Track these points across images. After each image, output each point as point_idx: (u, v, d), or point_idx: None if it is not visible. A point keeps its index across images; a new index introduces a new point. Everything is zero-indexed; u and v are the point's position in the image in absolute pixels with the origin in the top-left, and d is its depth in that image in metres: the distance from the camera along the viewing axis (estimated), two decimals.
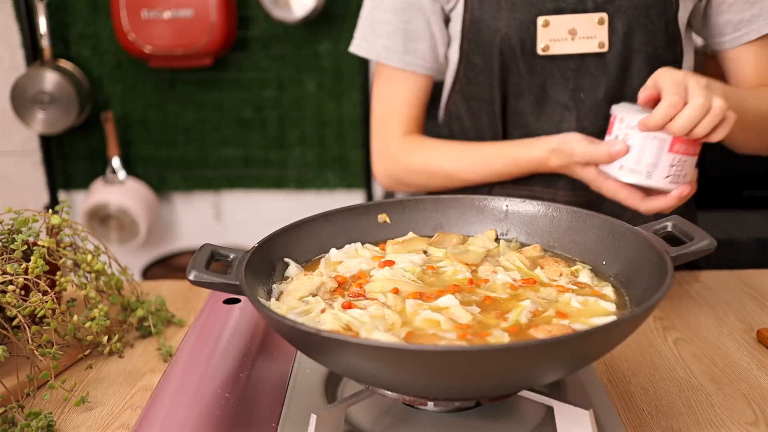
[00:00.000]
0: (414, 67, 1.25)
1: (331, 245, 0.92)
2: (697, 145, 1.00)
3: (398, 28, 1.23)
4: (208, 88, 2.58)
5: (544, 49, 1.15)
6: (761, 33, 1.18)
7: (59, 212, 1.05)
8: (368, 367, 0.65)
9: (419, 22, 1.22)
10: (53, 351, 0.90)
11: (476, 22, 1.17)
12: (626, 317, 0.65)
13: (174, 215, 2.78)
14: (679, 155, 0.99)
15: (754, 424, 0.83)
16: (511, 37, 1.16)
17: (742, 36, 1.19)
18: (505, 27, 1.16)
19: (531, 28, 1.15)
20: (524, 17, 1.15)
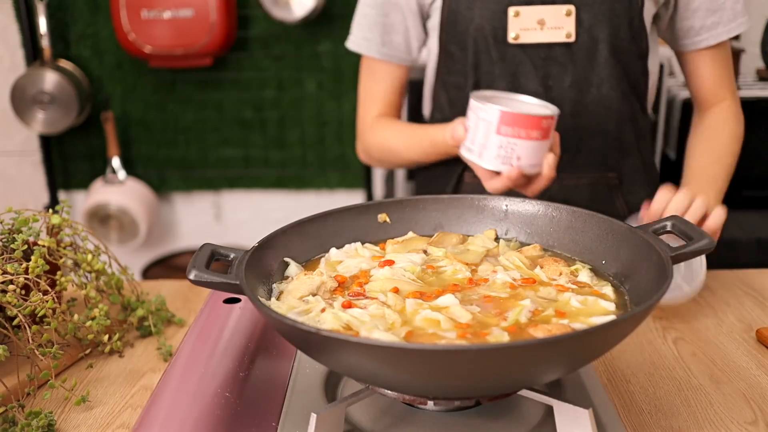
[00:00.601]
0: (390, 57, 1.35)
1: (331, 245, 0.92)
2: (538, 129, 1.02)
3: (377, 22, 1.33)
4: (208, 88, 2.58)
5: (515, 38, 1.22)
6: (719, 40, 1.25)
7: (59, 212, 1.05)
8: (368, 367, 0.65)
9: (396, 16, 1.32)
10: (54, 350, 0.90)
11: (453, 13, 1.25)
12: (625, 316, 0.65)
13: (174, 215, 2.78)
14: (506, 138, 1.02)
15: (753, 423, 0.83)
16: (483, 27, 1.22)
17: (701, 41, 1.25)
18: (479, 17, 1.22)
19: (502, 17, 1.21)
20: (496, 7, 1.21)
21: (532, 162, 1.05)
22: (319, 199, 2.70)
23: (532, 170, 1.05)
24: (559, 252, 0.90)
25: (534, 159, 1.04)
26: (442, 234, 0.94)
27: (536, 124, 1.01)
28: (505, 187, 1.06)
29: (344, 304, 0.77)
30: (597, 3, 1.20)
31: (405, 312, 0.76)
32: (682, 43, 1.28)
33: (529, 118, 1.01)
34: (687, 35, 1.26)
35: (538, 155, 1.05)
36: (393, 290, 0.80)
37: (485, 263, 0.88)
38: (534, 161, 1.05)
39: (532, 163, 1.05)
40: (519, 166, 1.04)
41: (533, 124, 1.01)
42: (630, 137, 1.30)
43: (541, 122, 1.02)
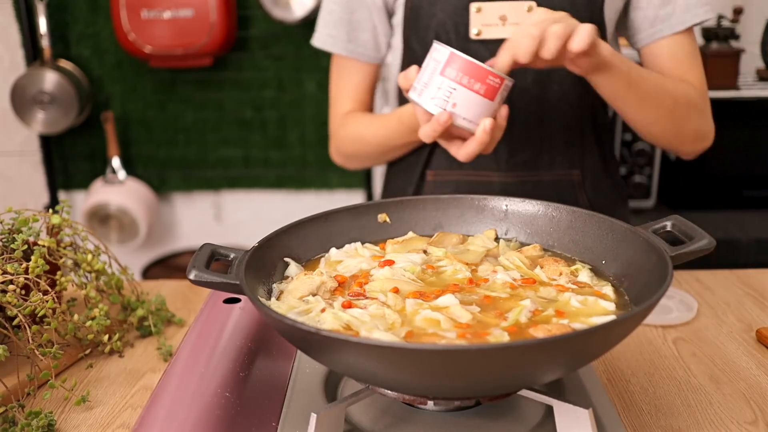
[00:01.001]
0: (357, 54, 1.34)
1: (331, 245, 0.92)
2: (482, 83, 0.98)
3: (343, 18, 1.32)
4: (208, 88, 2.58)
5: (477, 34, 1.22)
6: (674, 30, 1.21)
7: (59, 212, 1.05)
8: (368, 367, 0.65)
9: (362, 13, 1.31)
10: (54, 350, 0.90)
11: (415, 9, 1.25)
12: (625, 316, 0.65)
13: (174, 215, 2.78)
14: (448, 80, 0.99)
15: (753, 423, 0.83)
16: (445, 22, 1.22)
17: (656, 32, 1.22)
18: (441, 12, 1.22)
19: (464, 13, 1.21)
20: (458, 3, 1.21)
21: (468, 116, 1.00)
22: (319, 199, 2.70)
23: (464, 124, 1.00)
24: (559, 252, 0.90)
25: (470, 113, 1.00)
26: (442, 234, 0.94)
27: (481, 75, 0.98)
28: (434, 132, 1.02)
29: (344, 304, 0.77)
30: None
31: (405, 312, 0.76)
32: (638, 38, 1.25)
33: (475, 66, 0.98)
34: (641, 27, 1.24)
35: (476, 111, 0.99)
36: (393, 290, 0.80)
37: (485, 263, 0.88)
38: (470, 116, 1.00)
39: (466, 117, 1.00)
40: (452, 113, 1.00)
41: (478, 75, 0.98)
42: (591, 134, 1.30)
43: (488, 76, 0.98)
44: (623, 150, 2.22)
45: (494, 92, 0.99)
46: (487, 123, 1.00)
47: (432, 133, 1.02)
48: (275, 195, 2.72)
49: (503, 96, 1.01)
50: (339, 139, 1.39)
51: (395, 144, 1.30)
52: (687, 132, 1.21)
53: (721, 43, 2.17)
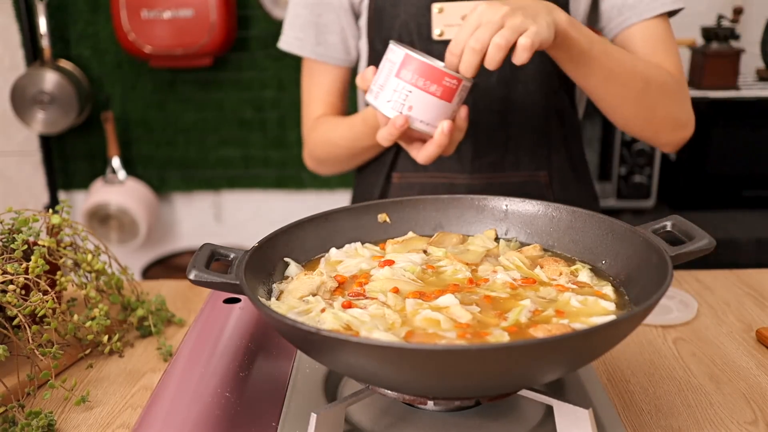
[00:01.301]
0: (326, 58, 1.33)
1: (331, 245, 0.92)
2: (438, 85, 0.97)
3: (310, 21, 1.31)
4: (208, 88, 2.58)
5: (440, 35, 1.21)
6: (642, 17, 1.18)
7: (59, 212, 1.05)
8: (368, 367, 0.65)
9: (329, 16, 1.29)
10: (53, 350, 0.90)
11: (378, 10, 1.24)
12: (625, 316, 0.65)
13: (174, 215, 2.78)
14: (403, 82, 0.97)
15: (753, 423, 0.83)
16: (408, 23, 1.21)
17: (624, 20, 1.20)
18: (404, 13, 1.21)
19: (426, 14, 1.20)
20: (420, 4, 1.20)
21: (424, 118, 0.98)
22: (319, 199, 2.70)
23: (421, 127, 0.99)
24: (559, 252, 0.90)
25: (427, 116, 0.98)
26: (442, 234, 0.94)
27: (437, 77, 0.96)
28: (391, 136, 1.01)
29: (344, 304, 0.77)
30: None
31: (405, 312, 0.76)
32: (609, 28, 1.23)
33: (430, 68, 0.96)
34: (611, 17, 1.21)
35: (433, 113, 0.98)
36: (393, 290, 0.80)
37: (485, 263, 0.88)
38: (426, 118, 0.98)
39: (423, 119, 0.98)
40: (408, 116, 0.98)
41: (434, 77, 0.96)
42: (558, 133, 1.29)
43: (444, 78, 0.96)
44: (623, 150, 2.22)
45: (451, 94, 0.97)
46: (445, 125, 0.99)
47: (389, 137, 1.01)
48: (275, 195, 2.72)
49: (462, 96, 0.99)
50: (310, 144, 1.37)
51: (363, 145, 1.28)
52: (661, 118, 1.18)
53: (721, 43, 2.17)
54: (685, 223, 0.83)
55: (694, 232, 0.81)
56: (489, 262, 0.88)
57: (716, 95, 2.15)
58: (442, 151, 1.02)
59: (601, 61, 1.07)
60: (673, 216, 0.85)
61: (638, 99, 1.14)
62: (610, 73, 1.09)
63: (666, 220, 0.85)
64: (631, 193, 2.25)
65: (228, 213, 2.77)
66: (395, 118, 0.98)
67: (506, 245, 0.92)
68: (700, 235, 0.80)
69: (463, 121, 1.03)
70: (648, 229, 0.83)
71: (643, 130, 1.21)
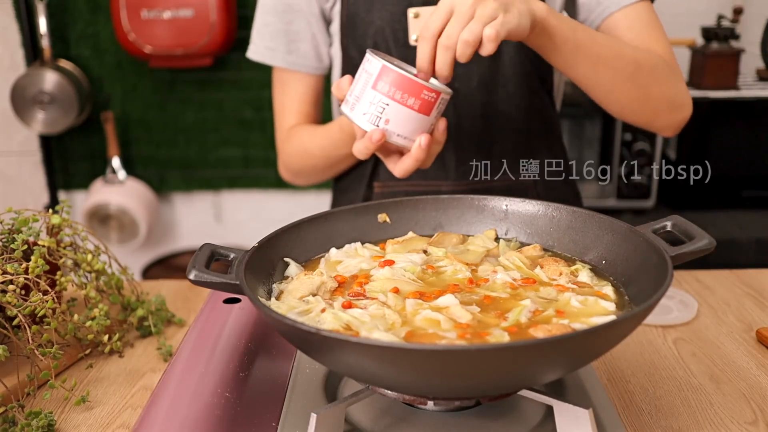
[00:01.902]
0: (298, 66, 1.29)
1: (331, 245, 0.92)
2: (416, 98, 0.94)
3: (280, 30, 1.27)
4: (208, 88, 2.58)
5: (416, 40, 1.17)
6: (621, 5, 1.16)
7: (59, 212, 1.05)
8: (368, 367, 0.65)
9: (300, 23, 1.26)
10: (53, 350, 0.90)
11: (352, 16, 1.21)
12: (626, 316, 0.65)
13: (174, 215, 2.78)
14: (380, 95, 0.94)
15: (753, 424, 0.83)
16: (384, 29, 1.19)
17: (605, 9, 1.17)
18: (378, 19, 1.19)
19: (402, 19, 1.18)
20: (395, 9, 1.18)
21: (402, 132, 0.96)
22: (319, 199, 2.70)
23: (399, 141, 0.97)
24: (559, 252, 0.90)
25: (404, 129, 0.96)
26: (442, 234, 0.94)
27: (415, 90, 0.94)
28: (367, 150, 0.98)
29: (344, 304, 0.77)
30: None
31: (405, 312, 0.76)
32: (590, 19, 1.20)
33: (408, 80, 0.93)
34: (590, 7, 1.19)
35: (410, 127, 0.96)
36: (393, 290, 0.80)
37: (485, 263, 0.88)
38: (404, 132, 0.96)
39: (400, 133, 0.96)
40: (384, 130, 0.95)
41: (411, 90, 0.93)
42: (541, 134, 1.28)
43: (422, 91, 0.94)
44: (623, 150, 2.22)
45: (430, 107, 0.95)
46: (423, 140, 0.96)
47: (365, 151, 0.98)
48: (275, 195, 2.72)
49: (440, 109, 0.97)
50: (284, 155, 1.34)
51: (340, 154, 1.25)
52: (656, 99, 1.15)
53: (721, 43, 2.17)
54: (685, 223, 0.83)
55: (694, 232, 0.81)
56: (489, 262, 0.88)
57: (716, 95, 2.15)
58: (420, 164, 0.99)
59: (587, 47, 1.05)
60: (673, 216, 0.85)
61: (630, 82, 1.11)
62: (597, 59, 1.07)
63: (666, 220, 0.85)
64: (631, 193, 2.25)
65: (228, 213, 2.77)
66: (372, 133, 0.95)
67: (506, 245, 0.92)
68: (700, 235, 0.80)
69: (441, 134, 1.00)
70: (648, 229, 0.83)
71: (639, 115, 1.18)
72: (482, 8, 0.90)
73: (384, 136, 0.95)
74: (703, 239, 0.79)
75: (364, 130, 0.97)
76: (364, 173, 1.30)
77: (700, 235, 0.80)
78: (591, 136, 2.27)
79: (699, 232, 0.81)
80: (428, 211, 0.97)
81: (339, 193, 1.39)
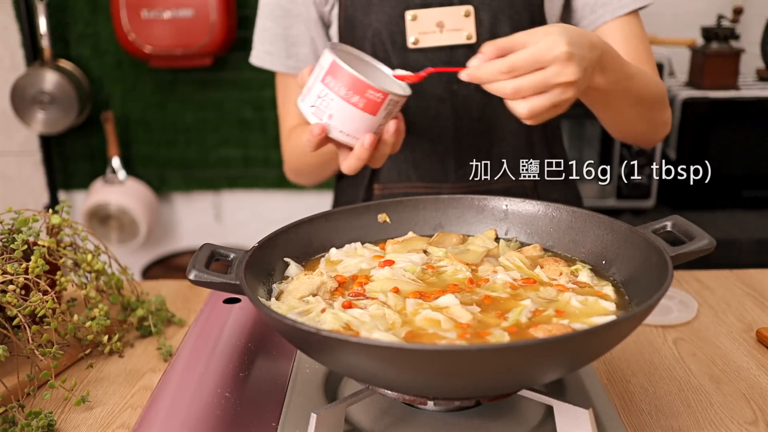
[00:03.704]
0: (297, 70, 1.28)
1: (331, 245, 0.92)
2: (360, 96, 0.93)
3: (279, 34, 1.27)
4: (208, 88, 2.58)
5: (414, 43, 1.18)
6: (615, 14, 1.17)
7: (59, 212, 1.05)
8: (368, 367, 0.65)
9: (299, 27, 1.26)
10: (53, 350, 0.90)
11: (350, 19, 1.21)
12: (626, 316, 0.65)
13: (174, 215, 2.78)
14: (327, 89, 0.94)
15: (753, 424, 0.83)
16: (381, 32, 1.19)
17: (598, 18, 1.18)
18: (376, 22, 1.18)
19: (400, 22, 1.18)
20: (393, 12, 1.18)
21: (345, 129, 0.95)
22: (319, 199, 2.70)
23: (341, 137, 0.96)
24: (559, 252, 0.90)
25: (347, 127, 0.95)
26: (442, 234, 0.94)
27: (359, 88, 0.92)
28: (310, 143, 0.97)
29: (344, 304, 0.77)
30: (496, 1, 1.16)
31: (405, 312, 0.76)
32: (582, 25, 1.20)
33: (353, 78, 0.92)
34: (584, 14, 1.19)
35: (354, 125, 0.95)
36: (393, 290, 0.80)
37: (485, 263, 0.88)
38: (347, 129, 0.95)
39: (343, 130, 0.95)
40: (327, 125, 0.95)
41: (356, 88, 0.92)
42: (540, 136, 1.28)
43: (367, 90, 0.92)
44: (623, 150, 2.22)
45: (375, 107, 0.94)
46: (366, 140, 0.95)
47: (308, 144, 0.97)
48: (275, 195, 2.72)
49: (390, 110, 0.95)
50: (286, 155, 1.35)
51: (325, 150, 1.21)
52: (658, 124, 1.19)
53: (721, 43, 2.17)
54: (686, 223, 0.83)
55: (694, 232, 0.81)
56: (489, 262, 0.88)
57: (716, 95, 2.15)
58: (365, 163, 0.98)
59: (618, 99, 1.04)
60: (674, 216, 0.85)
61: (649, 113, 1.14)
62: (624, 105, 1.08)
63: (666, 220, 0.85)
64: (631, 193, 2.25)
65: (228, 213, 2.77)
66: (312, 126, 0.95)
67: (506, 245, 0.92)
68: (700, 235, 0.80)
69: (390, 136, 0.98)
70: (648, 229, 0.83)
71: (641, 139, 1.22)
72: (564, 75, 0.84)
73: (324, 130, 0.95)
74: (704, 239, 0.79)
75: (309, 122, 0.96)
76: (364, 175, 1.30)
77: (700, 235, 0.80)
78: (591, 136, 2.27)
79: (699, 232, 0.81)
80: (428, 211, 0.97)
81: (339, 194, 1.40)
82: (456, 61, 1.18)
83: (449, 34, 1.17)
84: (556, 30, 0.86)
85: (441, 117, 1.23)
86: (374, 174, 1.30)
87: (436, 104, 1.22)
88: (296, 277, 0.84)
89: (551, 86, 0.85)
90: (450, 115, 1.22)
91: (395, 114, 0.98)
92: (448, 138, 1.24)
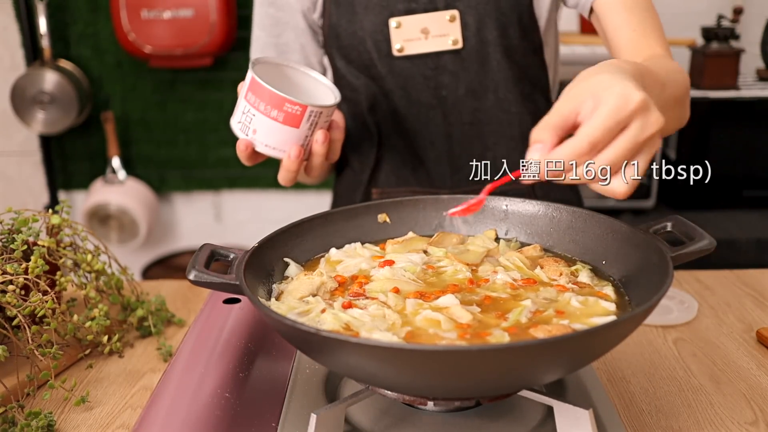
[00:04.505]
0: None
1: (331, 245, 0.92)
2: (279, 110, 0.95)
3: (269, 43, 1.28)
4: (208, 88, 2.58)
5: (400, 50, 1.17)
6: None
7: (59, 212, 1.05)
8: (368, 367, 0.65)
9: (288, 36, 1.26)
10: (53, 351, 0.90)
11: (334, 27, 1.20)
12: (626, 317, 0.65)
13: (174, 215, 2.78)
14: (249, 105, 0.97)
15: (753, 424, 0.83)
16: (366, 40, 1.18)
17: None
18: (360, 30, 1.18)
19: (384, 30, 1.17)
20: (377, 19, 1.16)
21: (270, 143, 0.98)
22: (319, 199, 2.70)
23: (267, 151, 0.99)
24: (559, 252, 0.90)
25: (271, 140, 0.98)
26: (442, 234, 0.94)
27: (277, 103, 0.94)
28: (241, 157, 1.01)
29: (344, 304, 0.77)
30: (481, 4, 1.14)
31: (405, 312, 0.76)
32: (583, 3, 1.13)
33: (270, 93, 0.94)
34: None
35: (278, 138, 0.98)
36: (393, 290, 0.80)
37: (485, 263, 0.87)
38: (271, 143, 0.98)
39: (268, 144, 0.98)
40: (252, 139, 0.98)
41: (273, 102, 0.95)
42: None
43: (284, 104, 0.94)
44: None
45: (296, 120, 0.96)
46: (292, 152, 0.98)
47: (241, 159, 1.01)
48: (275, 195, 2.72)
49: (314, 122, 0.97)
50: None
51: None
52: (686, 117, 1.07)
53: (721, 43, 2.17)
54: (686, 223, 0.83)
55: (694, 232, 0.81)
56: (489, 263, 0.88)
57: (716, 95, 2.15)
58: (296, 175, 1.01)
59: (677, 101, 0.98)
60: (674, 216, 0.85)
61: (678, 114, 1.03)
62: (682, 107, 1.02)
63: (666, 220, 0.85)
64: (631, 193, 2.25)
65: (228, 213, 2.77)
66: (239, 142, 0.99)
67: (506, 245, 0.92)
68: (701, 236, 0.80)
69: (320, 146, 0.99)
70: (648, 229, 0.83)
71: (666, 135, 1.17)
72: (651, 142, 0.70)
73: (249, 146, 0.99)
74: (704, 239, 0.79)
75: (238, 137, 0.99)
76: (361, 179, 1.30)
77: (701, 235, 0.80)
78: None
79: (699, 232, 0.81)
80: (428, 212, 0.97)
81: (337, 198, 1.39)
82: (443, 67, 1.18)
83: (435, 40, 1.16)
84: (607, 78, 0.69)
85: (432, 123, 1.22)
86: (372, 179, 1.30)
87: (426, 111, 1.21)
88: (296, 277, 0.84)
89: (641, 145, 0.68)
90: (440, 121, 1.22)
91: (324, 123, 0.99)
92: (440, 144, 1.24)
